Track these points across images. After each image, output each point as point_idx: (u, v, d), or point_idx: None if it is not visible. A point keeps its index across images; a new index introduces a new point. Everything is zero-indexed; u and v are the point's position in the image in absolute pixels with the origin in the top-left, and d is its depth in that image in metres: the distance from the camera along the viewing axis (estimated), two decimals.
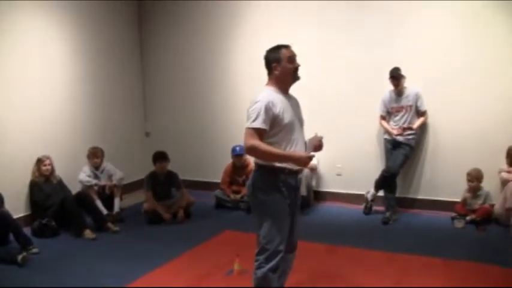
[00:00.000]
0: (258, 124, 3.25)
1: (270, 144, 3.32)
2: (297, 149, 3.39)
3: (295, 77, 3.51)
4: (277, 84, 3.48)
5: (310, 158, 3.30)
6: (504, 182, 5.94)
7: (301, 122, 3.59)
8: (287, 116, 3.37)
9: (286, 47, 3.51)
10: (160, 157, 6.72)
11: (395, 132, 6.41)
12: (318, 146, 3.49)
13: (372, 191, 6.58)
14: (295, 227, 3.64)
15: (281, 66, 3.43)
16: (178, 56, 8.34)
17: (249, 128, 3.28)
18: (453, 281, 4.39)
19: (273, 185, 3.39)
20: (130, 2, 8.39)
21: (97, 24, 7.66)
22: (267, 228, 3.38)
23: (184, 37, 8.24)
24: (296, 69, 3.49)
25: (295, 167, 3.42)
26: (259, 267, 3.39)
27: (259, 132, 3.27)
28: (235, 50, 7.73)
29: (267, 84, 3.52)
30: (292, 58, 3.47)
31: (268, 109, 3.27)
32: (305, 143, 3.52)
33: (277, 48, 3.49)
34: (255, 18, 7.61)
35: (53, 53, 6.94)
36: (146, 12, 8.54)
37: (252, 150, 3.29)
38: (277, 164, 3.37)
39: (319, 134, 3.51)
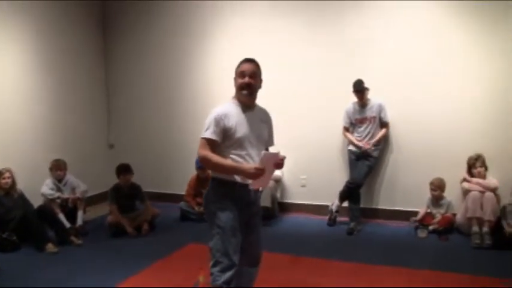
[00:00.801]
0: (209, 134, 3.30)
1: (223, 157, 3.33)
2: (247, 164, 3.32)
3: (241, 93, 3.43)
4: (236, 98, 3.49)
5: (258, 170, 3.19)
6: (465, 192, 6.07)
7: (260, 139, 3.52)
8: (240, 130, 3.35)
9: (246, 60, 3.49)
10: (124, 170, 6.66)
11: (365, 146, 6.47)
12: (279, 164, 3.39)
13: (337, 202, 6.64)
14: (257, 241, 3.62)
15: (235, 80, 3.47)
16: (143, 66, 8.31)
17: (202, 138, 3.34)
18: None
19: (224, 197, 3.40)
20: (94, 8, 8.32)
21: (59, 32, 7.56)
22: (219, 240, 3.36)
23: (149, 46, 8.21)
24: (243, 84, 3.40)
25: (246, 181, 3.36)
26: (214, 280, 3.36)
27: (210, 143, 3.31)
28: (203, 61, 7.72)
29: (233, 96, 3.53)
30: (241, 73, 3.42)
31: (218, 121, 3.30)
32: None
33: (240, 61, 3.51)
34: (224, 29, 7.64)
35: (13, 63, 6.84)
36: (110, 19, 8.48)
37: (202, 160, 3.35)
38: (228, 177, 3.37)
39: (281, 154, 3.37)
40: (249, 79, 3.40)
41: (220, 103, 3.49)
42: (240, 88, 3.42)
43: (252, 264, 3.62)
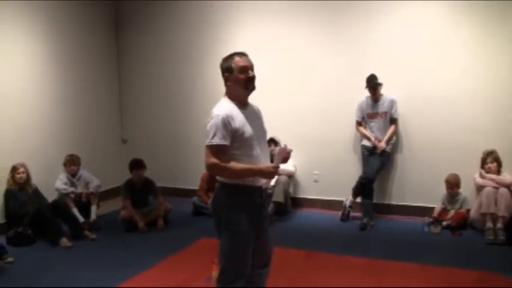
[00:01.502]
0: (218, 140, 3.05)
1: (232, 160, 3.12)
2: (261, 164, 3.19)
3: (247, 88, 3.22)
4: (232, 95, 3.26)
5: (276, 169, 3.15)
6: (479, 188, 6.03)
7: (262, 133, 3.37)
8: (247, 130, 3.15)
9: (240, 54, 3.27)
10: (137, 165, 6.68)
11: (379, 146, 6.46)
12: (286, 158, 3.31)
13: (350, 198, 6.63)
14: (266, 242, 3.46)
15: (233, 76, 3.21)
16: (156, 62, 8.33)
17: (209, 146, 3.08)
18: (430, 287, 4.43)
19: (237, 205, 3.19)
20: (107, 8, 8.35)
21: (73, 30, 7.61)
22: (231, 249, 3.22)
23: (162, 43, 8.23)
24: (249, 79, 3.20)
25: (258, 183, 3.25)
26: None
27: (220, 149, 3.07)
28: (215, 57, 7.67)
29: (224, 95, 3.31)
30: (244, 67, 3.19)
31: (226, 124, 3.06)
32: (271, 155, 3.37)
33: (230, 56, 3.27)
34: (235, 25, 7.65)
35: (28, 61, 6.88)
36: (123, 18, 8.51)
37: (213, 169, 3.12)
38: (241, 182, 3.17)
39: (288, 147, 3.30)
40: (252, 73, 3.23)
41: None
42: (245, 83, 3.20)
43: (264, 265, 3.47)
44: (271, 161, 3.32)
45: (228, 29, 7.68)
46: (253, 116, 3.33)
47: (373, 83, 6.38)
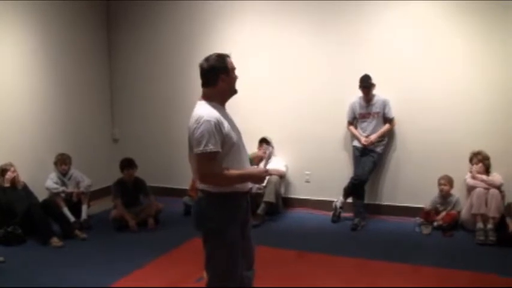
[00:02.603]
0: (212, 147, 2.92)
1: (223, 167, 3.01)
2: (250, 168, 3.16)
3: (235, 91, 3.20)
4: (218, 97, 3.14)
5: (267, 173, 3.11)
6: (470, 188, 6.06)
7: (241, 136, 3.23)
8: (233, 135, 3.06)
9: (228, 55, 3.19)
10: (127, 164, 6.67)
11: (362, 140, 6.50)
12: (267, 155, 3.33)
13: (341, 198, 6.64)
14: (251, 245, 3.39)
15: (229, 77, 3.12)
16: (147, 60, 8.30)
17: (203, 154, 2.94)
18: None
19: (229, 213, 3.09)
20: (98, 7, 8.31)
21: (64, 28, 7.56)
22: (224, 260, 3.11)
23: (152, 43, 8.21)
24: (235, 81, 3.19)
25: (247, 188, 3.19)
26: None
27: (215, 157, 2.94)
28: (206, 55, 7.69)
29: (204, 97, 3.17)
30: (234, 69, 3.16)
31: (218, 129, 2.95)
32: (249, 159, 3.33)
33: (221, 56, 3.16)
34: (228, 23, 7.62)
35: (18, 60, 6.85)
36: (115, 16, 8.47)
37: (211, 177, 3.00)
38: (230, 189, 3.06)
39: (279, 146, 3.34)
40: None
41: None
42: (234, 85, 3.18)
43: (249, 267, 3.40)
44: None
45: (221, 29, 7.65)
46: (230, 119, 3.22)
47: (366, 83, 6.40)
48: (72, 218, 6.37)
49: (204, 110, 3.06)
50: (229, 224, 3.10)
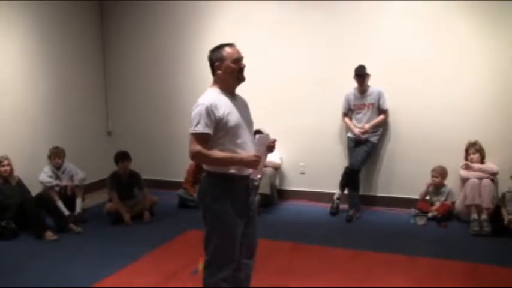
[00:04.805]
0: (201, 129, 3.12)
1: (216, 149, 3.18)
2: (245, 153, 3.21)
3: (239, 78, 3.32)
4: (221, 85, 3.32)
5: (257, 157, 3.16)
6: (464, 179, 6.07)
7: (248, 123, 3.41)
8: (232, 119, 3.20)
9: (231, 45, 3.34)
10: (122, 157, 6.64)
11: (356, 131, 6.49)
12: (271, 147, 3.34)
13: (338, 191, 6.63)
14: (254, 232, 3.51)
15: (224, 66, 3.27)
16: (141, 53, 8.26)
17: (193, 133, 3.16)
18: (418, 278, 4.46)
19: (223, 192, 3.25)
20: (92, 3, 8.26)
21: (57, 23, 7.52)
22: (216, 238, 3.27)
23: (147, 34, 8.16)
24: (241, 69, 3.30)
25: (245, 172, 3.29)
26: (210, 275, 3.30)
27: (203, 137, 3.14)
28: (200, 49, 7.65)
29: (212, 85, 3.37)
30: (237, 58, 3.28)
31: (209, 112, 3.13)
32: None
33: (221, 47, 3.33)
34: (221, 18, 7.57)
35: (12, 55, 6.81)
36: (108, 10, 8.42)
37: (196, 156, 3.19)
38: (226, 171, 3.23)
39: (271, 136, 3.36)
40: (243, 64, 3.33)
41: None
42: (237, 73, 3.29)
43: (250, 255, 3.52)
44: None
45: (216, 21, 7.61)
46: (241, 106, 3.38)
47: (360, 71, 6.38)
48: (66, 212, 6.34)
49: (203, 96, 3.27)
50: (222, 204, 3.25)
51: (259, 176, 6.43)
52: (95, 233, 6.04)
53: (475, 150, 6.09)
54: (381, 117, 6.56)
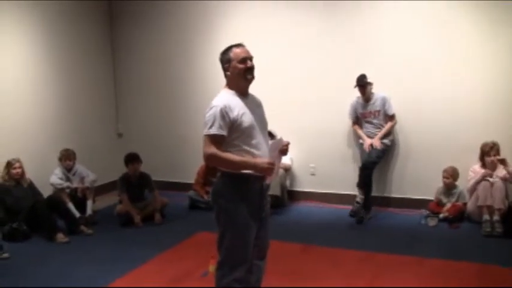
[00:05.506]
0: (215, 130, 3.13)
1: (231, 150, 3.20)
2: (259, 153, 3.22)
3: (246, 77, 3.29)
4: (232, 86, 3.34)
5: (271, 164, 3.15)
6: (474, 185, 6.00)
7: (263, 124, 3.41)
8: (246, 120, 3.21)
9: (238, 45, 3.35)
10: (132, 159, 6.65)
11: (367, 148, 6.41)
12: (284, 150, 3.34)
13: (359, 195, 6.39)
14: (266, 234, 3.52)
15: (232, 67, 3.29)
16: (151, 55, 8.27)
17: (207, 136, 3.16)
18: (428, 280, 4.43)
19: (237, 193, 3.25)
20: (101, 3, 8.29)
21: (67, 25, 7.55)
22: (231, 238, 3.27)
23: (156, 36, 8.17)
24: (248, 69, 3.28)
25: (260, 173, 3.26)
26: (223, 276, 3.30)
27: (217, 139, 3.15)
28: (210, 51, 7.63)
29: (224, 87, 3.39)
30: (243, 58, 3.27)
31: (224, 114, 3.14)
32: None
33: (229, 48, 3.35)
34: (230, 19, 7.58)
35: (22, 55, 6.85)
36: (117, 11, 8.44)
37: (210, 158, 3.20)
38: (242, 171, 3.23)
39: (285, 140, 3.35)
40: (251, 63, 3.31)
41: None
42: (243, 73, 3.27)
43: (261, 256, 3.54)
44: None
45: (225, 22, 7.61)
46: (254, 106, 3.39)
47: (361, 82, 6.34)
48: (77, 214, 6.37)
49: (217, 98, 3.29)
50: (237, 203, 3.25)
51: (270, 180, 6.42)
52: (105, 235, 6.05)
53: (496, 152, 5.98)
54: (389, 125, 6.49)
